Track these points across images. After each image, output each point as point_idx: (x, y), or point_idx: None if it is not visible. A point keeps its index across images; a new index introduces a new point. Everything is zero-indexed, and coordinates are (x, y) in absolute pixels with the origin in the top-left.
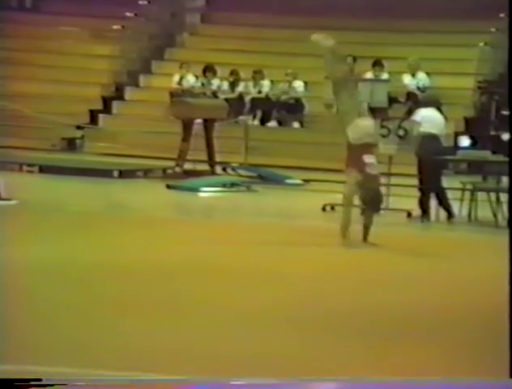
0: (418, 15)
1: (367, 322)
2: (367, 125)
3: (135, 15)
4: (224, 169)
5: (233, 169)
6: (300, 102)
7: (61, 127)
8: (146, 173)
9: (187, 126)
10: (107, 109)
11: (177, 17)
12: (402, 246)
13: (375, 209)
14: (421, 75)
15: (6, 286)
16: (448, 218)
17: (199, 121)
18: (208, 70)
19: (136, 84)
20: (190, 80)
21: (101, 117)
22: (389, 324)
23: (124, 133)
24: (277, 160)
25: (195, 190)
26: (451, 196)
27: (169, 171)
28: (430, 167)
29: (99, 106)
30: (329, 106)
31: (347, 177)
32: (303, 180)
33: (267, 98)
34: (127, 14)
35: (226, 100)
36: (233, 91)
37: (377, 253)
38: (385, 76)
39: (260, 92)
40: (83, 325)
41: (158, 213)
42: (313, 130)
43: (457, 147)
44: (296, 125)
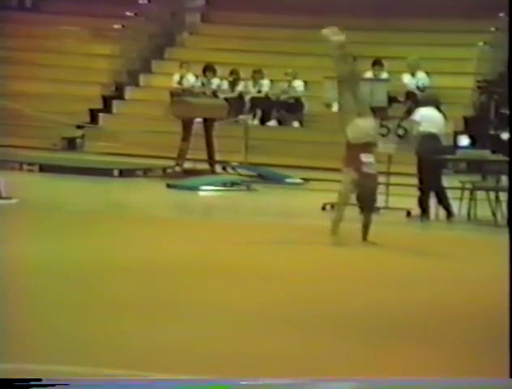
0: (417, 15)
1: (367, 321)
2: (367, 125)
3: (135, 15)
4: (224, 168)
5: (233, 168)
6: (299, 101)
7: (61, 126)
8: (146, 173)
9: (187, 126)
10: (107, 109)
11: (177, 16)
12: (401, 245)
13: (370, 208)
14: (421, 75)
15: (6, 285)
16: (447, 217)
17: (199, 120)
18: (208, 69)
19: (136, 84)
20: (190, 80)
21: (101, 116)
22: (389, 324)
23: (124, 132)
24: (277, 160)
25: (195, 190)
26: (451, 195)
27: (169, 170)
28: (430, 166)
29: (99, 105)
30: (328, 105)
31: (343, 176)
32: (303, 179)
33: (267, 97)
34: (127, 13)
35: (226, 100)
36: (233, 90)
37: (376, 252)
38: (384, 76)
39: (260, 92)
40: (83, 324)
41: (158, 212)
42: (312, 130)
43: (456, 147)
44: (295, 124)
